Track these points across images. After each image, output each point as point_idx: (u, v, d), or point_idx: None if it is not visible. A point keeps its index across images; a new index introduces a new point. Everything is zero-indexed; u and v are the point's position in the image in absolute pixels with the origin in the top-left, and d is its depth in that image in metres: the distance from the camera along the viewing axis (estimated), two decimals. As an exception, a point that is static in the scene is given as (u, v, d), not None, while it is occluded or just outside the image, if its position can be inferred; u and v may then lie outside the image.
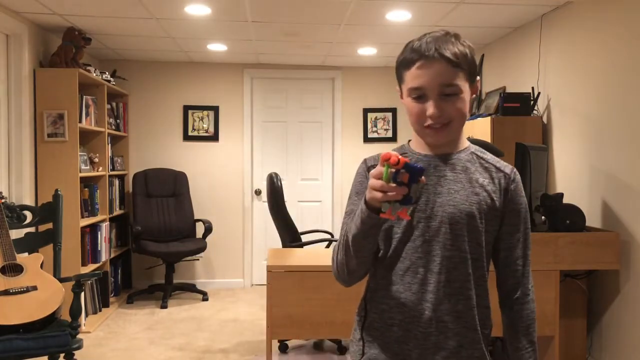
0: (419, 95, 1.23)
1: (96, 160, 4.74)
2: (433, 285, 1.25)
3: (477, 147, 1.36)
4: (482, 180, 1.29)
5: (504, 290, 1.35)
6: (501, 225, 1.31)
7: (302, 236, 4.40)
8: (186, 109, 5.74)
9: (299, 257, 3.26)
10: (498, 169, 1.32)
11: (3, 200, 3.09)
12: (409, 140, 1.38)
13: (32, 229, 3.47)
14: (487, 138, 3.73)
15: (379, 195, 1.09)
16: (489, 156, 1.34)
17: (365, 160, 1.37)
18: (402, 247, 1.27)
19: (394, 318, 1.28)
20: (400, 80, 1.29)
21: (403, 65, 1.26)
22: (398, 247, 1.28)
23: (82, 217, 4.40)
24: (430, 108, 1.22)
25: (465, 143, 1.34)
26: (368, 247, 1.23)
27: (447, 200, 1.26)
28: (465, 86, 1.24)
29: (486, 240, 1.29)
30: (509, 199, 1.31)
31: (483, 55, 4.87)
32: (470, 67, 1.25)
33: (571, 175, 3.54)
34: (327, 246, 4.52)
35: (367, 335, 1.33)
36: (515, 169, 1.34)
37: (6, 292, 2.79)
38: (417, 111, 1.25)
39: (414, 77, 1.23)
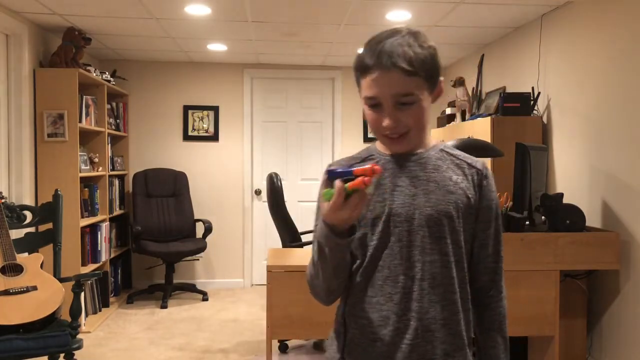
0: (374, 104, 1.19)
1: (96, 160, 4.74)
2: (417, 293, 1.19)
3: (445, 144, 1.32)
4: (456, 177, 1.25)
5: (476, 288, 1.31)
6: (475, 222, 1.28)
7: (302, 236, 4.40)
8: (186, 109, 5.74)
9: (299, 257, 3.26)
10: (470, 165, 1.28)
11: (3, 200, 3.09)
12: (376, 141, 1.32)
13: (32, 229, 3.47)
14: (487, 138, 3.73)
15: (361, 211, 1.09)
16: (458, 152, 1.31)
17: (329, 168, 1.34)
18: (379, 254, 1.21)
19: (376, 333, 1.20)
20: (357, 83, 1.23)
21: (359, 70, 1.20)
22: (375, 255, 1.21)
23: (82, 217, 4.40)
24: (385, 120, 1.18)
25: (432, 141, 1.30)
26: (344, 264, 1.20)
27: (423, 202, 1.21)
28: (423, 93, 1.18)
29: (465, 240, 1.24)
30: (482, 195, 1.27)
31: (483, 55, 4.87)
32: (429, 71, 1.18)
33: (571, 175, 3.54)
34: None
35: (349, 354, 1.25)
36: (485, 164, 1.30)
37: (6, 292, 2.79)
38: (372, 120, 1.21)
39: (368, 86, 1.18)
